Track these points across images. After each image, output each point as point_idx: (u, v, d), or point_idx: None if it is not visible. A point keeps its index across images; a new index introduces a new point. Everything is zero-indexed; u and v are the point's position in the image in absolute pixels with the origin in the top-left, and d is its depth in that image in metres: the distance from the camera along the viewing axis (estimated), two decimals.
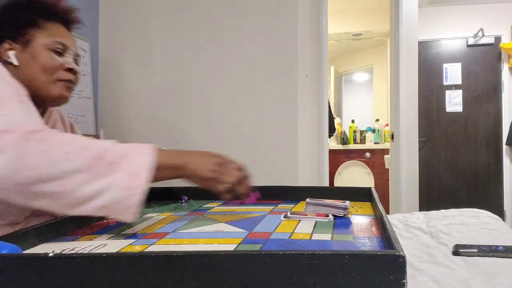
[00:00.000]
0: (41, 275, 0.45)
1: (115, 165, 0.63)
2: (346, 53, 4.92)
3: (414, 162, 3.01)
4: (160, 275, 0.43)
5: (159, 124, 2.06)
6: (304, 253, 0.40)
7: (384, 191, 3.80)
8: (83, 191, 0.62)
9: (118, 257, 0.45)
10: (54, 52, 0.92)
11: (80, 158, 0.62)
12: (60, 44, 0.94)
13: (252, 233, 0.65)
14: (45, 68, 0.91)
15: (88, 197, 0.62)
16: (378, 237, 0.61)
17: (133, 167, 0.64)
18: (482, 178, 3.89)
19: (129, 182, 0.63)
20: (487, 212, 1.49)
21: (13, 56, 0.89)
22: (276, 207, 0.90)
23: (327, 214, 0.76)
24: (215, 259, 0.42)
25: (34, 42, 0.91)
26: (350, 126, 4.59)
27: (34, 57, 0.90)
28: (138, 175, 0.64)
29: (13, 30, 0.91)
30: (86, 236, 0.68)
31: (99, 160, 0.63)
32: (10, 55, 0.89)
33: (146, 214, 0.86)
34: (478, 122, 3.90)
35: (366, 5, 4.33)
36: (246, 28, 1.96)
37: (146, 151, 0.67)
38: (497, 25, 3.83)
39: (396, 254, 0.39)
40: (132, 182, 0.63)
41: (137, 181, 0.64)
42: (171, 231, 0.68)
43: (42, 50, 0.91)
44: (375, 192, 0.88)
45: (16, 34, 0.91)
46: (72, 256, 0.46)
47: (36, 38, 0.91)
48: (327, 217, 0.75)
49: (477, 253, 0.96)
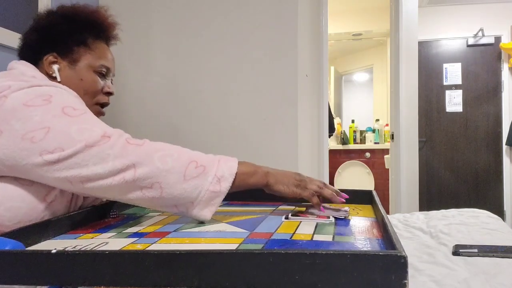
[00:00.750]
0: (44, 271, 0.45)
1: (206, 169, 0.71)
2: (346, 53, 4.92)
3: (414, 162, 3.01)
4: (163, 272, 0.43)
5: (159, 124, 2.06)
6: (306, 252, 0.41)
7: (384, 191, 3.80)
8: (175, 189, 0.69)
9: (120, 254, 0.45)
10: (98, 74, 0.94)
11: (174, 161, 0.70)
12: (105, 67, 0.95)
13: (253, 233, 0.65)
14: (88, 91, 0.92)
15: (178, 194, 0.70)
16: (379, 239, 0.61)
17: (221, 172, 0.72)
18: (482, 178, 3.89)
19: (216, 185, 0.71)
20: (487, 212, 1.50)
21: (57, 71, 0.89)
22: (277, 208, 0.90)
23: (328, 216, 0.76)
24: (218, 257, 0.42)
25: (81, 62, 0.92)
26: (350, 126, 4.59)
27: (81, 78, 0.91)
28: (224, 180, 0.72)
29: (63, 45, 0.90)
30: (88, 234, 0.68)
31: (191, 163, 0.71)
32: (55, 69, 0.89)
33: (147, 214, 0.86)
34: (478, 122, 3.90)
35: (366, 5, 4.33)
36: (246, 28, 1.96)
37: (232, 159, 0.75)
38: (497, 25, 3.83)
39: (398, 254, 0.39)
40: (218, 185, 0.71)
41: (222, 184, 0.72)
42: (173, 231, 0.68)
43: (87, 72, 0.92)
44: (376, 195, 0.88)
45: (64, 50, 0.90)
46: (75, 253, 0.46)
47: (84, 58, 0.92)
48: (328, 219, 0.75)
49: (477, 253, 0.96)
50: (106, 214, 0.84)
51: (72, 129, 0.68)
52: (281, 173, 0.81)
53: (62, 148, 0.67)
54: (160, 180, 0.68)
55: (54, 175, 0.68)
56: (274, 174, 0.80)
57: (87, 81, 0.91)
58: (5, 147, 0.67)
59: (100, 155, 0.67)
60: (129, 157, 0.68)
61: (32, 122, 0.68)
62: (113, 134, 0.70)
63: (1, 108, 0.69)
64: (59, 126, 0.68)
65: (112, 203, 0.86)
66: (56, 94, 0.74)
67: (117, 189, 0.69)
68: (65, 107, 0.72)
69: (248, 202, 0.99)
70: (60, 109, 0.71)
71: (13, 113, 0.68)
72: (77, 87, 0.88)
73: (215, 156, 0.76)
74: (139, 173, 0.68)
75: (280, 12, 1.92)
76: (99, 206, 0.83)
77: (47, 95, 0.72)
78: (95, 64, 0.93)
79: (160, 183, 0.69)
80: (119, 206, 0.88)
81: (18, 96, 0.70)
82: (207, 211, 0.72)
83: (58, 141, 0.67)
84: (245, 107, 1.95)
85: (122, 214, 0.88)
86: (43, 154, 0.67)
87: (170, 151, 0.72)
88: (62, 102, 0.73)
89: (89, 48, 0.93)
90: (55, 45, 0.90)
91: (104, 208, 0.84)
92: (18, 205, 0.70)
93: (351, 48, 4.83)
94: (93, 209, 0.81)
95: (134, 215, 0.86)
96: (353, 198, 0.93)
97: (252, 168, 0.78)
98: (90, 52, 0.93)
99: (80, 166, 0.67)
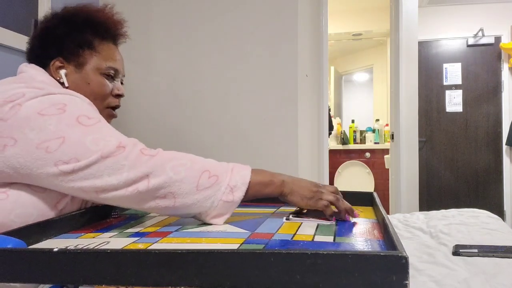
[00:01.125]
0: (46, 269, 0.45)
1: (219, 179, 0.71)
2: (346, 53, 4.92)
3: (414, 162, 3.01)
4: (164, 272, 0.43)
5: (159, 124, 2.06)
6: (307, 252, 0.41)
7: (384, 191, 3.80)
8: (188, 199, 0.69)
9: (122, 253, 0.45)
10: (106, 77, 0.92)
11: (187, 170, 0.70)
12: (113, 69, 0.93)
13: (254, 233, 0.65)
14: (97, 95, 0.90)
15: (191, 204, 0.70)
16: (380, 240, 0.61)
17: (233, 181, 0.72)
18: (482, 178, 3.90)
19: (229, 195, 0.71)
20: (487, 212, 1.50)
21: (64, 76, 0.88)
22: (278, 209, 0.90)
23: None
24: (219, 257, 0.42)
25: (88, 65, 0.90)
26: (350, 126, 4.59)
27: (87, 82, 0.89)
28: (237, 189, 0.72)
29: (68, 49, 0.89)
30: (89, 234, 0.68)
31: (204, 173, 0.71)
32: (62, 75, 0.88)
33: (149, 214, 0.86)
34: (478, 122, 3.90)
35: (366, 5, 4.33)
36: (245, 28, 1.96)
37: (245, 168, 0.75)
38: (497, 25, 3.83)
39: (399, 255, 0.40)
40: (231, 195, 0.71)
41: (235, 194, 0.71)
42: (174, 230, 0.68)
43: (95, 76, 0.90)
44: (377, 197, 0.88)
45: (70, 54, 0.89)
46: (76, 251, 0.46)
47: (90, 61, 0.90)
48: (328, 220, 0.75)
49: (477, 253, 0.96)
50: (108, 214, 0.84)
51: (88, 139, 0.68)
52: (297, 182, 0.78)
53: (77, 159, 0.67)
54: (174, 190, 0.69)
55: (68, 185, 0.68)
56: (290, 183, 0.77)
57: (95, 85, 0.90)
58: (20, 156, 0.67)
59: (115, 166, 0.67)
60: (143, 168, 0.68)
61: (47, 131, 0.68)
62: (128, 144, 0.70)
63: (15, 116, 0.68)
64: (74, 136, 0.68)
65: None
66: (70, 103, 0.73)
67: (131, 199, 0.69)
68: (79, 116, 0.71)
69: (249, 203, 0.98)
70: (74, 118, 0.71)
71: (27, 122, 0.68)
72: (85, 92, 0.87)
73: (228, 164, 0.75)
74: (152, 184, 0.68)
75: (280, 12, 1.92)
76: (100, 206, 0.83)
77: (61, 103, 0.72)
78: (102, 67, 0.91)
79: (173, 193, 0.69)
80: None
81: (32, 105, 0.69)
82: (220, 220, 0.73)
83: (73, 151, 0.67)
84: (245, 107, 1.95)
85: (124, 214, 0.88)
86: (58, 164, 0.67)
87: (183, 160, 0.71)
88: (77, 111, 0.72)
89: (95, 50, 0.91)
90: (61, 49, 0.88)
91: (106, 208, 0.84)
92: (29, 212, 0.70)
93: (351, 48, 4.83)
94: (95, 209, 0.81)
95: (135, 215, 0.86)
96: (354, 200, 0.93)
97: (268, 177, 0.76)
98: (96, 54, 0.91)
99: (95, 177, 0.67)
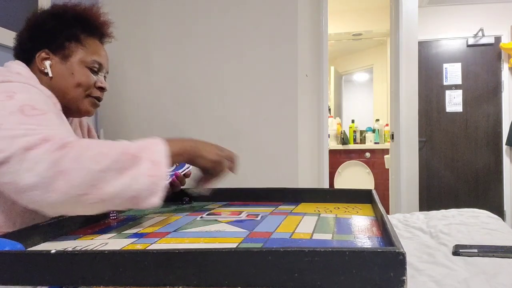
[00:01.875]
0: (44, 271, 0.45)
1: (138, 157, 0.68)
2: (346, 53, 4.92)
3: (414, 162, 3.01)
4: (162, 272, 0.43)
5: (159, 124, 2.06)
6: (305, 250, 0.41)
7: (384, 191, 3.80)
8: (114, 186, 0.65)
9: (120, 254, 0.45)
10: (90, 70, 0.94)
11: (107, 158, 0.66)
12: (97, 63, 0.96)
13: (252, 232, 0.65)
14: (80, 85, 0.92)
15: (119, 190, 0.66)
16: (378, 237, 0.61)
17: (153, 156, 0.70)
18: (482, 178, 3.89)
19: (153, 170, 0.68)
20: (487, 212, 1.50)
21: (49, 66, 0.90)
22: (276, 208, 0.90)
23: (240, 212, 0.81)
24: (217, 256, 0.42)
25: (73, 58, 0.93)
26: (350, 126, 4.59)
27: (72, 73, 0.92)
28: (159, 163, 0.70)
29: (54, 42, 0.92)
30: (87, 235, 0.68)
31: (123, 155, 0.67)
32: (47, 65, 0.90)
33: (147, 215, 0.86)
34: (478, 122, 3.90)
35: (366, 5, 4.33)
36: (246, 28, 1.96)
37: (159, 142, 0.73)
38: (497, 25, 3.83)
39: (396, 251, 0.40)
40: (155, 169, 0.69)
41: (159, 168, 0.69)
42: (172, 231, 0.68)
43: (79, 67, 0.93)
44: (376, 194, 0.88)
45: (56, 46, 0.92)
46: (74, 253, 0.46)
47: (76, 54, 0.93)
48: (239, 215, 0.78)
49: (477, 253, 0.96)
50: (106, 215, 0.84)
51: (20, 129, 0.66)
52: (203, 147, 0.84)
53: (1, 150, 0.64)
54: (96, 183, 0.64)
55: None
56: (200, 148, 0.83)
57: (79, 75, 0.92)
58: None
59: (33, 161, 0.63)
60: (60, 164, 0.63)
61: None
62: (55, 137, 0.66)
63: None
64: (9, 124, 0.67)
65: None
66: (22, 92, 0.74)
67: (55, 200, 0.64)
68: (24, 105, 0.71)
69: (248, 202, 0.99)
70: (17, 106, 0.70)
71: None
72: (68, 82, 0.90)
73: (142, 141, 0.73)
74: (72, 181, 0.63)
75: (280, 12, 1.92)
76: None
77: (12, 91, 0.73)
78: (87, 60, 0.94)
79: (97, 185, 0.64)
80: None
81: None
82: (155, 199, 0.69)
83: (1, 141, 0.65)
84: (245, 107, 1.95)
85: (122, 215, 0.88)
86: None
87: (99, 147, 0.68)
88: (24, 100, 0.72)
89: (81, 44, 0.94)
90: (47, 42, 0.91)
91: None
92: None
93: (351, 48, 4.83)
94: None
95: (134, 216, 0.86)
96: (353, 197, 0.93)
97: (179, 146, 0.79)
98: (82, 48, 0.94)
99: (13, 173, 0.64)
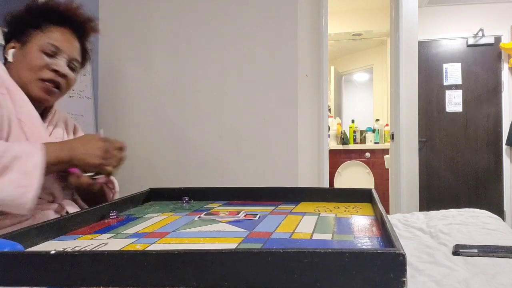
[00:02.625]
0: (43, 272, 0.45)
1: (8, 168, 0.71)
2: (346, 53, 4.92)
3: (414, 162, 3.01)
4: (161, 273, 0.43)
5: (159, 124, 2.06)
6: (305, 251, 0.41)
7: (384, 191, 3.80)
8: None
9: (119, 255, 0.45)
10: (45, 54, 0.96)
11: None
12: (53, 46, 0.96)
13: (252, 232, 0.65)
14: (31, 67, 0.94)
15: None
16: (378, 237, 0.61)
17: (25, 167, 0.73)
18: (482, 178, 3.89)
19: (22, 181, 0.72)
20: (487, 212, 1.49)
21: (11, 53, 0.95)
22: (276, 207, 0.90)
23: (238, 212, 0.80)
24: (216, 257, 0.42)
25: (30, 43, 0.95)
26: (350, 126, 4.59)
27: (24, 56, 0.95)
28: (30, 174, 0.73)
29: (18, 30, 0.97)
30: (87, 235, 0.68)
31: None
32: (9, 52, 0.96)
33: (146, 214, 0.86)
34: (478, 122, 3.90)
35: (366, 5, 4.33)
36: (246, 28, 1.96)
37: (36, 152, 0.76)
38: (497, 25, 3.83)
39: (396, 252, 0.39)
40: (25, 180, 0.72)
41: (29, 179, 0.72)
42: (172, 231, 0.68)
43: (34, 50, 0.95)
44: (376, 193, 0.88)
45: (20, 34, 0.96)
46: (73, 253, 0.46)
47: (33, 39, 0.96)
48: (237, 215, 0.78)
49: (477, 253, 0.96)
50: (106, 215, 0.84)
51: None
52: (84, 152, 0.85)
53: None
54: None
55: None
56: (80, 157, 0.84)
57: (30, 57, 0.94)
58: None
59: None
60: None
61: None
62: None
63: None
64: None
65: (111, 204, 0.86)
66: None
67: None
68: None
69: (248, 202, 0.98)
70: None
71: None
72: (21, 64, 0.94)
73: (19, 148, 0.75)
74: None
75: (280, 12, 1.92)
76: (98, 207, 0.83)
77: None
78: (42, 43, 0.95)
79: None
80: (119, 207, 0.88)
81: None
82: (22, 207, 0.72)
83: None
84: (245, 107, 1.95)
85: (122, 215, 0.88)
86: None
87: None
88: None
89: (41, 30, 0.97)
90: (17, 33, 0.97)
91: (104, 209, 0.83)
92: None
93: (351, 48, 4.83)
94: (93, 210, 0.81)
95: (133, 216, 0.86)
96: (353, 197, 0.93)
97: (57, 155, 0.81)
98: (41, 34, 0.97)
99: None
